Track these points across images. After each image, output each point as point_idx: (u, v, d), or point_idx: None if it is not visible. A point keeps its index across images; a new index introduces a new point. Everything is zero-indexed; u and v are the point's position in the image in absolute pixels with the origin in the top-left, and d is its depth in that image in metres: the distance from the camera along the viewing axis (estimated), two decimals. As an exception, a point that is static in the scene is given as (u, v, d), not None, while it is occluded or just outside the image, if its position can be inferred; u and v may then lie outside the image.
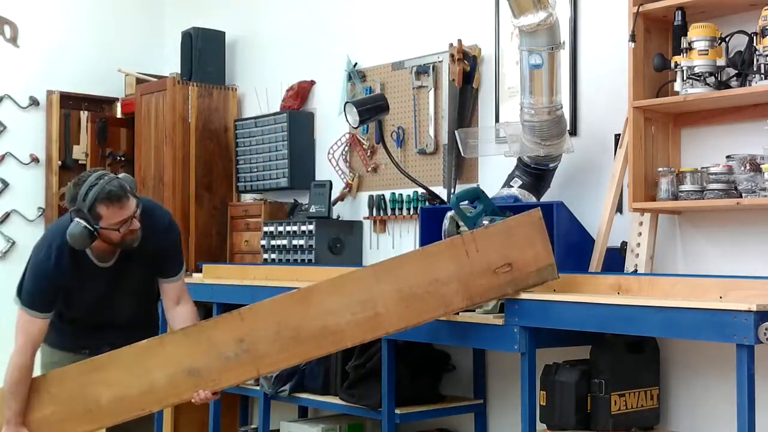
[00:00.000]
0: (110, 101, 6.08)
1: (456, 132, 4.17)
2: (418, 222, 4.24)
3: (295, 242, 4.73)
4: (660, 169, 3.40)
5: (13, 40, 5.80)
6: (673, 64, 3.31)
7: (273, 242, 4.85)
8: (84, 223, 3.03)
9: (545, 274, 3.10)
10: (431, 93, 4.51)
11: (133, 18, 6.26)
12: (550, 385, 3.29)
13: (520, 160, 3.85)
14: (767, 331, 2.54)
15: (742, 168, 3.18)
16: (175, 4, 6.30)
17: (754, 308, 2.54)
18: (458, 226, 3.67)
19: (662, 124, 3.51)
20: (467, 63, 4.27)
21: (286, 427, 4.33)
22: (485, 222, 3.53)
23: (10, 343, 5.67)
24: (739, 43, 3.26)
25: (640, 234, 3.51)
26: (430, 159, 4.52)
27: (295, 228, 4.76)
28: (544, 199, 3.86)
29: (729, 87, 3.25)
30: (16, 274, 5.61)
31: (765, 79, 3.12)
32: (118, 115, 6.06)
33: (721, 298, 2.84)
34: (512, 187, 3.82)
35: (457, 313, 3.40)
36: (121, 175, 3.15)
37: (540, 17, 3.44)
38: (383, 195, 4.71)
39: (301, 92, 5.22)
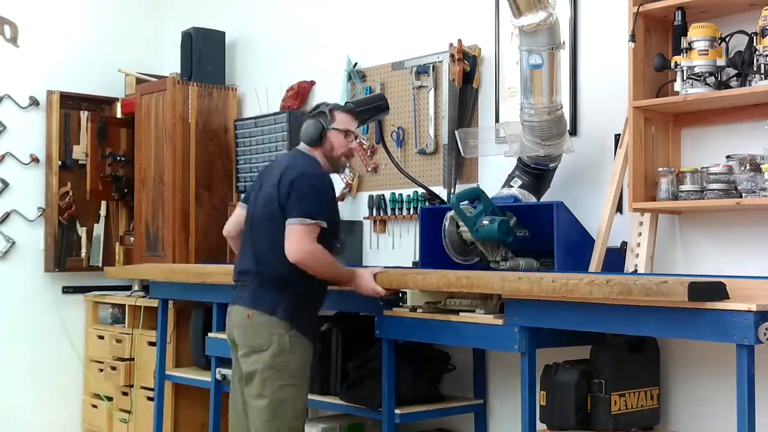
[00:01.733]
0: (110, 101, 6.08)
1: (456, 132, 4.17)
2: (418, 222, 4.24)
3: (295, 242, 4.72)
4: (660, 169, 3.40)
5: (13, 40, 5.80)
6: (673, 64, 3.31)
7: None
8: (319, 119, 3.51)
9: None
10: (431, 93, 4.51)
11: (133, 18, 6.26)
12: (550, 385, 3.29)
13: (520, 160, 3.85)
14: (767, 331, 2.54)
15: (742, 168, 3.19)
16: (175, 4, 6.30)
17: (754, 308, 2.54)
18: (458, 226, 3.67)
19: (662, 124, 3.51)
20: (467, 63, 4.27)
21: (286, 427, 4.32)
22: (485, 222, 3.54)
23: (10, 342, 5.70)
24: (739, 43, 3.27)
25: (640, 234, 3.51)
26: (430, 159, 4.52)
27: (295, 228, 4.75)
28: (544, 199, 3.86)
29: (729, 87, 3.25)
30: (16, 274, 5.65)
31: (765, 79, 3.12)
32: (118, 115, 6.05)
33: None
34: (512, 187, 3.82)
35: (457, 313, 3.41)
36: None
37: (540, 17, 3.44)
38: (383, 195, 4.71)
39: (301, 92, 5.22)
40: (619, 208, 3.64)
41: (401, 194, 4.62)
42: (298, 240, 3.32)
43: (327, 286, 3.54)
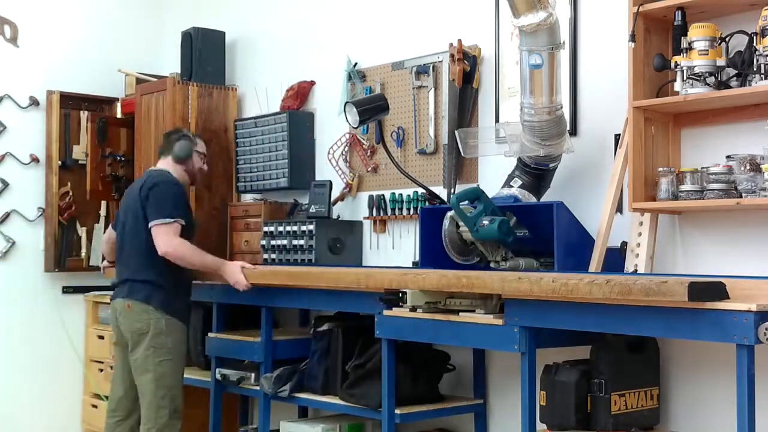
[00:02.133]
0: (110, 101, 6.08)
1: (456, 132, 4.17)
2: (418, 222, 4.24)
3: (295, 242, 4.73)
4: (660, 169, 3.40)
5: (13, 40, 5.80)
6: (673, 64, 3.31)
7: (273, 242, 4.85)
8: (188, 141, 4.33)
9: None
10: (431, 93, 4.51)
11: (133, 18, 6.26)
12: (550, 385, 3.29)
13: (520, 160, 3.85)
14: (767, 331, 2.54)
15: (742, 168, 3.18)
16: (175, 4, 6.30)
17: (754, 308, 2.54)
18: (458, 226, 3.67)
19: (662, 124, 3.51)
20: (467, 63, 4.27)
21: (286, 427, 4.33)
22: (485, 222, 3.54)
23: (10, 342, 5.69)
24: (739, 43, 3.27)
25: (640, 234, 3.51)
26: (430, 159, 4.52)
27: (295, 228, 4.76)
28: (544, 199, 3.86)
29: (729, 87, 3.25)
30: (16, 274, 5.65)
31: (765, 79, 3.12)
32: (118, 115, 6.05)
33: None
34: (512, 187, 3.82)
35: (457, 313, 3.41)
36: None
37: (540, 17, 3.44)
38: (383, 195, 4.71)
39: (301, 92, 5.22)
40: (619, 208, 3.64)
41: (401, 194, 4.62)
42: (164, 236, 4.04)
43: (191, 278, 4.28)
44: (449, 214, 3.70)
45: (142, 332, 4.07)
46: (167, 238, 4.04)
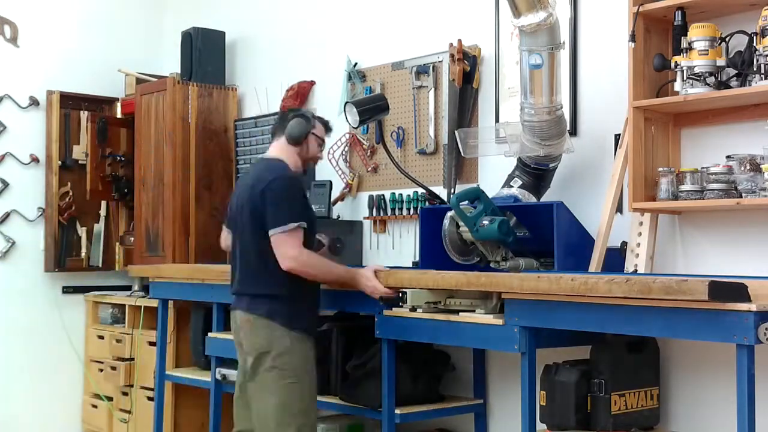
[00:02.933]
0: (110, 101, 6.08)
1: (456, 132, 4.17)
2: (418, 222, 4.24)
3: (295, 242, 4.72)
4: (660, 169, 3.40)
5: (13, 40, 5.80)
6: (673, 64, 3.31)
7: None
8: (305, 121, 3.73)
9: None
10: (431, 93, 4.51)
11: (133, 18, 6.26)
12: (550, 385, 3.28)
13: (520, 160, 3.85)
14: (767, 331, 2.54)
15: (742, 168, 3.18)
16: (175, 4, 6.30)
17: (754, 308, 2.54)
18: (458, 226, 3.67)
19: (662, 124, 3.51)
20: (467, 63, 4.27)
21: (286, 427, 4.32)
22: (485, 222, 3.53)
23: (10, 342, 5.70)
24: (739, 43, 3.27)
25: (640, 234, 3.51)
26: (430, 159, 4.52)
27: (295, 228, 4.75)
28: (544, 199, 3.86)
29: (729, 87, 3.25)
30: (16, 274, 5.65)
31: (765, 79, 3.12)
32: (118, 115, 6.06)
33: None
34: (512, 187, 3.82)
35: (457, 313, 3.41)
36: None
37: (540, 17, 3.44)
38: (383, 195, 4.71)
39: (301, 92, 5.22)
40: (619, 208, 3.64)
41: (401, 194, 4.62)
42: (286, 248, 3.50)
43: (320, 286, 3.70)
44: (449, 214, 3.70)
45: (265, 350, 3.55)
46: (290, 251, 3.50)
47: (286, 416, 3.50)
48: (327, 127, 3.90)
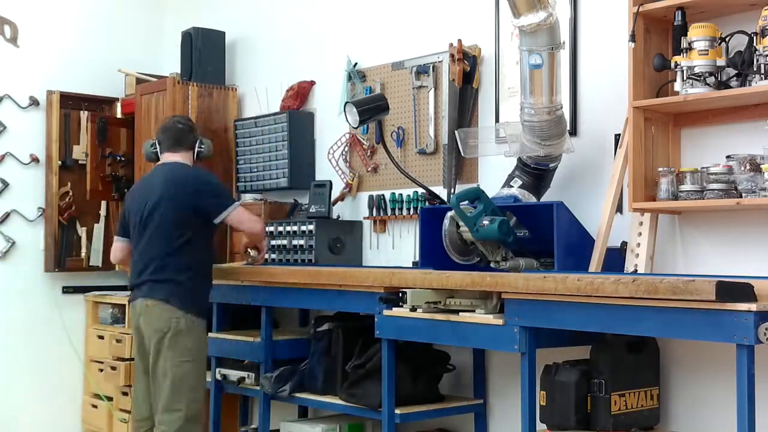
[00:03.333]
0: (110, 101, 6.08)
1: (456, 132, 4.17)
2: (418, 222, 4.24)
3: (295, 242, 4.73)
4: (660, 169, 3.40)
5: (13, 40, 5.80)
6: (673, 64, 3.31)
7: (273, 242, 4.84)
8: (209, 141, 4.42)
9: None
10: (431, 93, 4.51)
11: (133, 18, 6.26)
12: (550, 385, 3.29)
13: (520, 160, 3.85)
14: (767, 331, 2.54)
15: (742, 168, 3.18)
16: (175, 4, 6.30)
17: (754, 308, 2.55)
18: (458, 226, 3.67)
19: (662, 124, 3.51)
20: (467, 63, 4.27)
21: (286, 427, 4.33)
22: (485, 222, 3.53)
23: (10, 342, 5.69)
24: (739, 43, 3.27)
25: (640, 234, 3.51)
26: (430, 159, 4.52)
27: (295, 228, 4.76)
28: (544, 199, 3.86)
29: (729, 87, 3.25)
30: (16, 274, 5.65)
31: (765, 79, 3.12)
32: (118, 115, 6.05)
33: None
34: (512, 187, 3.82)
35: (457, 313, 3.41)
36: None
37: (540, 17, 3.44)
38: (383, 195, 4.71)
39: (301, 92, 5.22)
40: (619, 208, 3.64)
41: (401, 194, 4.62)
42: (247, 215, 4.18)
43: (212, 270, 4.20)
44: (449, 214, 3.70)
45: (162, 331, 3.95)
46: (253, 217, 4.24)
47: (178, 393, 3.92)
48: None
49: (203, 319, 4.07)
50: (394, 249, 4.66)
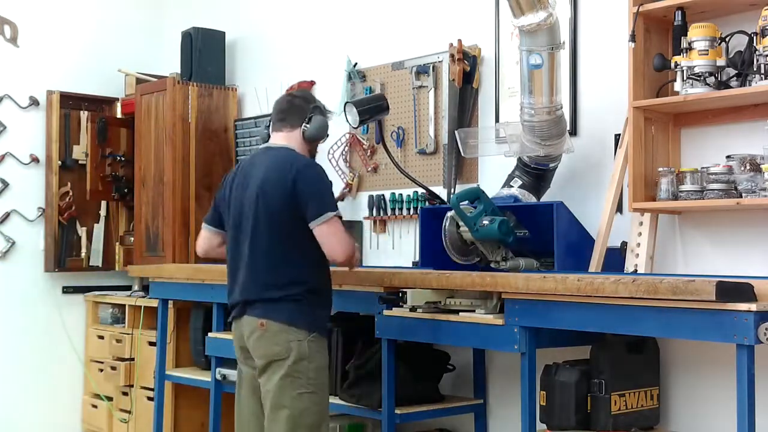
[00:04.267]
0: (110, 101, 6.08)
1: (456, 132, 4.17)
2: (418, 222, 4.24)
3: (295, 242, 4.72)
4: (660, 169, 3.41)
5: (13, 40, 5.79)
6: (673, 64, 3.31)
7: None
8: (325, 120, 3.43)
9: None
10: (431, 93, 4.51)
11: (133, 18, 6.26)
12: (550, 385, 3.29)
13: (520, 160, 3.85)
14: (767, 331, 2.54)
15: (742, 168, 3.19)
16: (175, 4, 6.30)
17: (754, 308, 2.54)
18: (458, 226, 3.67)
19: (662, 124, 3.51)
20: (467, 63, 4.27)
21: (286, 427, 4.32)
22: (485, 222, 3.54)
23: (10, 342, 5.69)
24: (739, 43, 3.27)
25: (640, 234, 3.51)
26: (430, 159, 4.52)
27: (295, 228, 4.75)
28: (544, 199, 3.86)
29: (729, 87, 3.25)
30: (16, 274, 5.64)
31: (765, 79, 3.12)
32: (118, 115, 6.05)
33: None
34: (512, 187, 3.82)
35: (457, 313, 3.41)
36: None
37: (540, 17, 3.44)
38: (383, 195, 4.71)
39: (301, 92, 5.22)
40: (619, 208, 3.64)
41: (401, 194, 4.62)
42: (337, 238, 3.23)
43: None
44: (449, 214, 3.70)
45: (280, 357, 3.24)
46: (344, 238, 3.25)
47: (299, 429, 3.22)
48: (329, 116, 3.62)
49: (325, 339, 3.37)
50: (394, 249, 4.66)
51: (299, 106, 3.39)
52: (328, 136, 3.49)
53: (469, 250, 3.74)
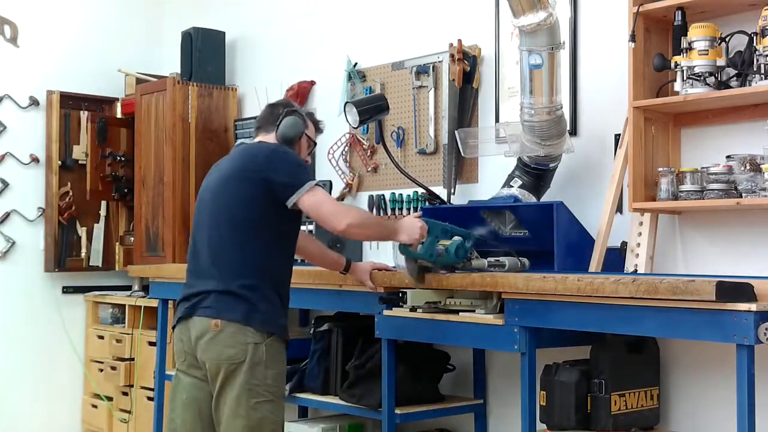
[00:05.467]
0: (110, 101, 6.08)
1: (456, 132, 4.17)
2: (418, 222, 4.23)
3: (295, 242, 4.73)
4: (660, 169, 3.41)
5: (13, 40, 5.80)
6: (673, 64, 3.31)
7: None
8: (299, 119, 3.27)
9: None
10: (431, 93, 4.51)
11: (133, 18, 6.26)
12: (550, 385, 3.29)
13: (520, 160, 3.85)
14: (767, 331, 2.54)
15: (742, 168, 3.19)
16: (175, 4, 6.30)
17: (754, 308, 2.54)
18: (416, 261, 3.40)
19: (662, 124, 3.51)
20: (467, 63, 4.27)
21: (286, 427, 4.32)
22: (440, 248, 3.33)
23: (10, 342, 5.69)
24: (739, 43, 3.27)
25: (640, 234, 3.51)
26: (430, 159, 4.52)
27: (295, 228, 4.75)
28: (544, 199, 3.86)
29: (729, 87, 3.25)
30: (16, 274, 5.64)
31: (765, 79, 3.12)
32: (118, 115, 6.06)
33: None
34: (512, 187, 3.82)
35: (457, 313, 3.40)
36: None
37: (540, 17, 3.44)
38: (383, 195, 4.71)
39: (301, 92, 5.22)
40: (619, 208, 3.64)
41: (401, 194, 4.62)
42: (329, 207, 3.04)
43: (291, 278, 3.26)
44: (400, 258, 3.49)
45: (234, 362, 3.02)
46: (340, 208, 3.10)
47: None
48: (318, 128, 3.47)
49: (284, 343, 3.14)
50: (394, 249, 4.65)
51: (273, 113, 3.30)
52: (302, 134, 3.29)
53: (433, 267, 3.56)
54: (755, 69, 3.16)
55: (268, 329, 3.04)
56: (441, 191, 4.33)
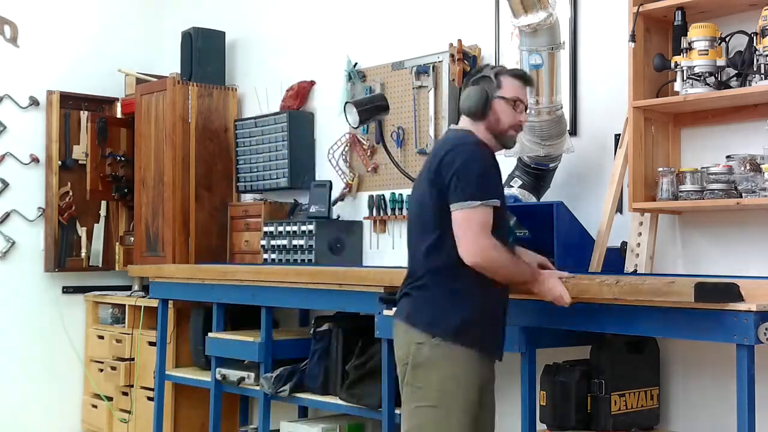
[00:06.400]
0: (110, 101, 6.09)
1: (456, 132, 4.16)
2: (418, 222, 4.23)
3: (295, 242, 4.73)
4: (660, 169, 3.40)
5: (13, 40, 5.80)
6: (673, 64, 3.31)
7: (273, 242, 4.85)
8: (483, 86, 2.88)
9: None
10: (431, 93, 4.51)
11: (133, 18, 6.26)
12: (550, 385, 3.29)
13: (520, 160, 3.85)
14: (767, 331, 2.54)
15: (742, 168, 3.18)
16: (175, 4, 6.30)
17: (754, 308, 2.54)
18: None
19: (662, 124, 3.51)
20: (467, 63, 4.27)
21: (286, 427, 4.33)
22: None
23: (10, 341, 5.69)
24: (739, 43, 3.27)
25: (640, 234, 3.51)
26: (430, 159, 4.52)
27: (295, 228, 4.76)
28: (544, 199, 3.86)
29: (729, 87, 3.25)
30: (16, 274, 5.64)
31: (765, 79, 3.12)
32: (118, 115, 6.06)
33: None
34: (512, 187, 3.82)
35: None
36: None
37: (540, 17, 3.44)
38: (383, 195, 4.71)
39: (301, 92, 5.22)
40: (619, 208, 3.64)
41: (401, 194, 4.62)
42: (469, 232, 2.71)
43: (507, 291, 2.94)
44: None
45: (402, 362, 2.86)
46: (473, 239, 2.72)
47: None
48: (524, 79, 2.98)
49: (470, 349, 2.81)
50: (394, 249, 4.66)
51: (466, 85, 2.96)
52: (488, 101, 2.88)
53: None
54: (755, 69, 3.16)
55: (432, 330, 2.83)
56: (441, 191, 4.33)
